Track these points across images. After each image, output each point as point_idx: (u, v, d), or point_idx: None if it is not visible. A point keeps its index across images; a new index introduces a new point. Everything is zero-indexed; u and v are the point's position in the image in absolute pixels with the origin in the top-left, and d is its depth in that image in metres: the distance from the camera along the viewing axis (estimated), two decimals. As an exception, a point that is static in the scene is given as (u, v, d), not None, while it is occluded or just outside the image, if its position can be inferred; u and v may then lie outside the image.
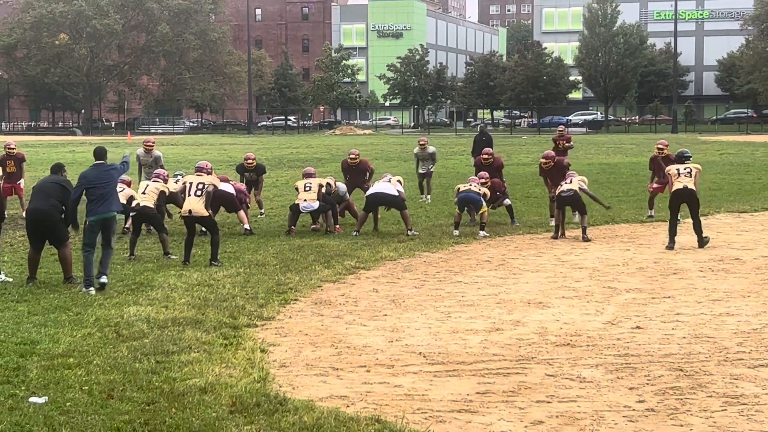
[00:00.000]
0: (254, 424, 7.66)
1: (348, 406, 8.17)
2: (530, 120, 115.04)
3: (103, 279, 13.25)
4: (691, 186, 17.17)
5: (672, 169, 17.72)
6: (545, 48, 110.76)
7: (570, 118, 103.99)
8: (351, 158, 21.80)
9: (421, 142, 26.47)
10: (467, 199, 18.89)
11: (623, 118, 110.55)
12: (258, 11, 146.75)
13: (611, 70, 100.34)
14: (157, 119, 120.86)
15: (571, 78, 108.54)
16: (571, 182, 18.53)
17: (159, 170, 18.94)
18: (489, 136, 32.29)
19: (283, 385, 8.79)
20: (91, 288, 13.12)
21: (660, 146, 21.95)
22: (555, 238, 18.42)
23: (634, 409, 8.06)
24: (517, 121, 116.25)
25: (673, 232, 17.22)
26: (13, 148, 23.07)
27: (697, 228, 17.25)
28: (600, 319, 11.48)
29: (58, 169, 14.49)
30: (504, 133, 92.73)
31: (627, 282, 13.96)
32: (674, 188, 17.25)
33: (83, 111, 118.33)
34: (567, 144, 31.06)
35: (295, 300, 12.73)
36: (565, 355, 9.80)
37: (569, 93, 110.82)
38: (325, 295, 13.08)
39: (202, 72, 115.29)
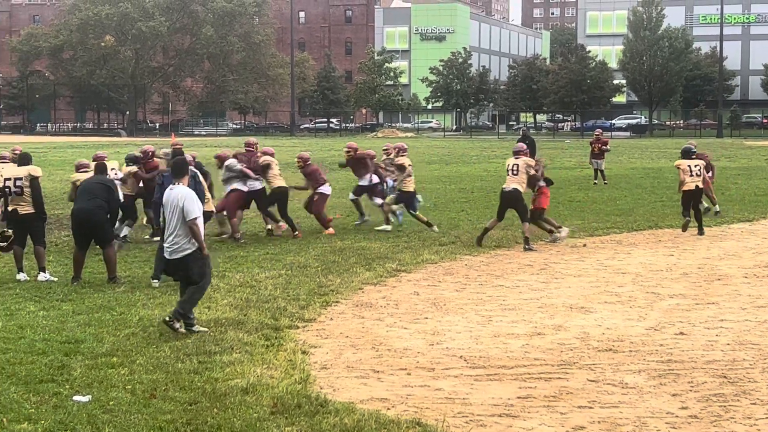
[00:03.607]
0: (295, 426, 7.68)
1: (388, 409, 8.17)
2: (573, 124, 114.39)
3: None
4: (701, 186, 19.44)
5: (684, 164, 19.41)
6: (589, 51, 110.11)
7: (614, 122, 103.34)
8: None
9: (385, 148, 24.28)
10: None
11: (668, 123, 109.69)
12: (301, 14, 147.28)
13: (656, 74, 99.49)
14: (201, 121, 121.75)
15: (615, 82, 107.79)
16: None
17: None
18: (531, 139, 32.39)
19: (324, 386, 8.81)
20: (155, 281, 13.62)
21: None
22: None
23: (676, 416, 7.99)
24: (560, 125, 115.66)
25: (687, 214, 19.35)
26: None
27: (698, 216, 19.45)
28: (643, 325, 11.39)
29: (102, 169, 14.64)
30: (547, 136, 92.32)
31: (670, 287, 13.84)
32: (686, 188, 19.22)
33: (128, 112, 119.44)
34: (603, 147, 31.89)
35: (336, 302, 12.76)
36: (607, 361, 9.74)
37: (613, 97, 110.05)
38: (366, 298, 13.09)
39: (246, 74, 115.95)
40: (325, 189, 19.88)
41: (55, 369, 9.27)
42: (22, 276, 14.27)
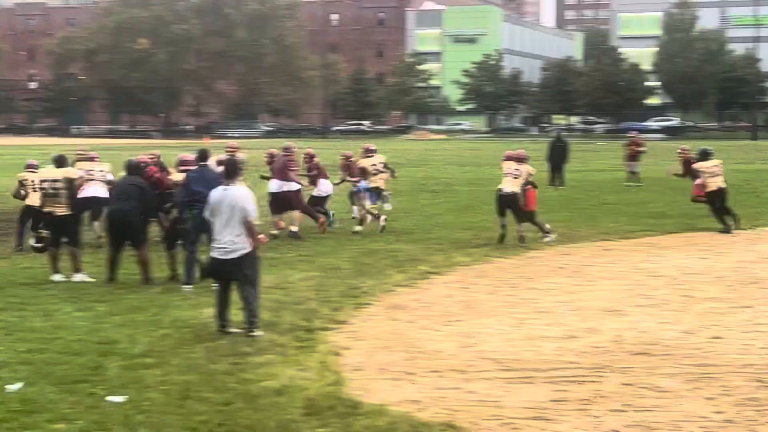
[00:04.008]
0: (328, 427, 7.70)
1: (421, 411, 8.17)
2: (606, 126, 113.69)
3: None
4: (723, 185, 19.93)
5: (704, 166, 20.07)
6: (622, 53, 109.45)
7: (647, 123, 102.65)
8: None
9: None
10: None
11: (701, 125, 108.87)
12: (333, 16, 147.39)
13: (689, 75, 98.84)
14: (234, 123, 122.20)
15: (649, 84, 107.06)
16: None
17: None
18: (565, 141, 32.32)
19: (357, 388, 8.82)
20: (188, 286, 13.44)
21: (679, 150, 24.35)
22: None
23: (711, 420, 7.94)
24: (592, 126, 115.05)
25: (721, 219, 19.88)
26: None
27: (727, 212, 19.83)
28: (677, 328, 11.32)
29: (134, 169, 14.58)
30: (580, 138, 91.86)
31: (705, 291, 13.74)
32: (710, 189, 19.84)
33: (161, 114, 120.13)
34: (638, 149, 32.00)
35: (369, 304, 12.77)
36: (641, 364, 9.68)
37: (646, 99, 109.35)
38: (398, 300, 13.10)
39: (278, 77, 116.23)
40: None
41: (91, 369, 9.34)
42: (57, 277, 14.40)
